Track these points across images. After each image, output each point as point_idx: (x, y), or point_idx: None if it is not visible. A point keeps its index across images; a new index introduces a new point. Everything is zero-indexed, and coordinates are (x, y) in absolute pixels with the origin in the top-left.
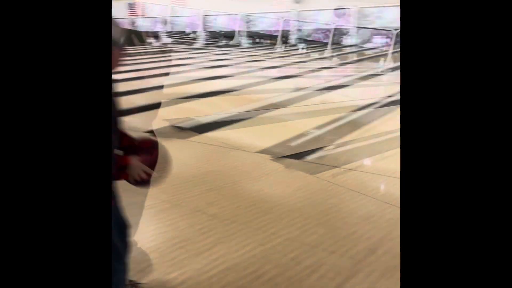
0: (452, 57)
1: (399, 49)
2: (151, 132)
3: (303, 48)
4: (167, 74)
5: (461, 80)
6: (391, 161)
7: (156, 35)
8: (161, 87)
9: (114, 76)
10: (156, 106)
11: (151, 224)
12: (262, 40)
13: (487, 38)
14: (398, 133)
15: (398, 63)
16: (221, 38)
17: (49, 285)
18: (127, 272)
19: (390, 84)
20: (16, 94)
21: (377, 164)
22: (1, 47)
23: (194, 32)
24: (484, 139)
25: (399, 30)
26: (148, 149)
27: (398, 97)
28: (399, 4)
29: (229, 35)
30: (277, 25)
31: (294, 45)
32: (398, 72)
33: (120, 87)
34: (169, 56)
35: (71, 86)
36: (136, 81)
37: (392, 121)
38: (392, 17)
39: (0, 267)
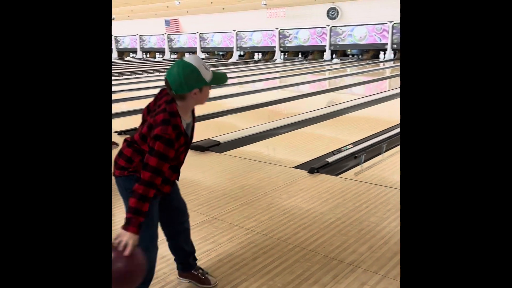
0: (453, 58)
1: None
2: None
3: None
4: None
5: (461, 80)
6: None
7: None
8: None
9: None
10: None
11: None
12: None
13: (487, 38)
14: None
15: None
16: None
17: (49, 285)
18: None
19: None
20: (16, 94)
21: None
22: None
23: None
24: (485, 139)
25: None
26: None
27: None
28: None
29: (264, 51)
30: (312, 41)
31: (328, 60)
32: None
33: None
34: None
35: (72, 87)
36: None
37: None
38: None
39: (3, 266)
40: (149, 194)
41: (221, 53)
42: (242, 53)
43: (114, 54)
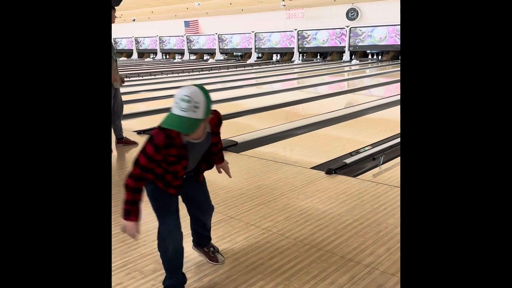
0: (453, 58)
1: None
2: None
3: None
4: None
5: (461, 81)
6: None
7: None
8: None
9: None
10: None
11: None
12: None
13: (488, 38)
14: None
15: None
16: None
17: (49, 284)
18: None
19: None
20: (16, 94)
21: None
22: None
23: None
24: (485, 139)
25: None
26: None
27: None
28: None
29: (282, 52)
30: (331, 42)
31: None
32: None
33: None
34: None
35: (72, 87)
36: None
37: None
38: None
39: (3, 265)
40: (139, 186)
41: (239, 54)
42: (260, 54)
43: (135, 55)
